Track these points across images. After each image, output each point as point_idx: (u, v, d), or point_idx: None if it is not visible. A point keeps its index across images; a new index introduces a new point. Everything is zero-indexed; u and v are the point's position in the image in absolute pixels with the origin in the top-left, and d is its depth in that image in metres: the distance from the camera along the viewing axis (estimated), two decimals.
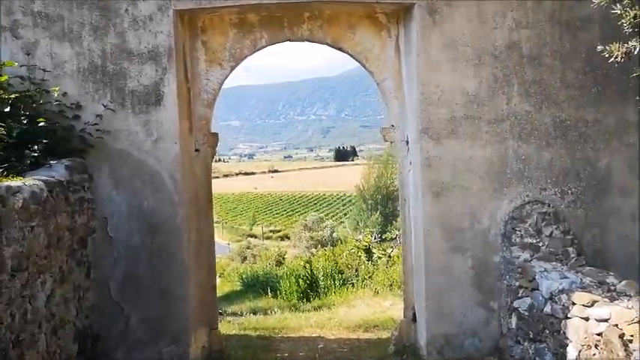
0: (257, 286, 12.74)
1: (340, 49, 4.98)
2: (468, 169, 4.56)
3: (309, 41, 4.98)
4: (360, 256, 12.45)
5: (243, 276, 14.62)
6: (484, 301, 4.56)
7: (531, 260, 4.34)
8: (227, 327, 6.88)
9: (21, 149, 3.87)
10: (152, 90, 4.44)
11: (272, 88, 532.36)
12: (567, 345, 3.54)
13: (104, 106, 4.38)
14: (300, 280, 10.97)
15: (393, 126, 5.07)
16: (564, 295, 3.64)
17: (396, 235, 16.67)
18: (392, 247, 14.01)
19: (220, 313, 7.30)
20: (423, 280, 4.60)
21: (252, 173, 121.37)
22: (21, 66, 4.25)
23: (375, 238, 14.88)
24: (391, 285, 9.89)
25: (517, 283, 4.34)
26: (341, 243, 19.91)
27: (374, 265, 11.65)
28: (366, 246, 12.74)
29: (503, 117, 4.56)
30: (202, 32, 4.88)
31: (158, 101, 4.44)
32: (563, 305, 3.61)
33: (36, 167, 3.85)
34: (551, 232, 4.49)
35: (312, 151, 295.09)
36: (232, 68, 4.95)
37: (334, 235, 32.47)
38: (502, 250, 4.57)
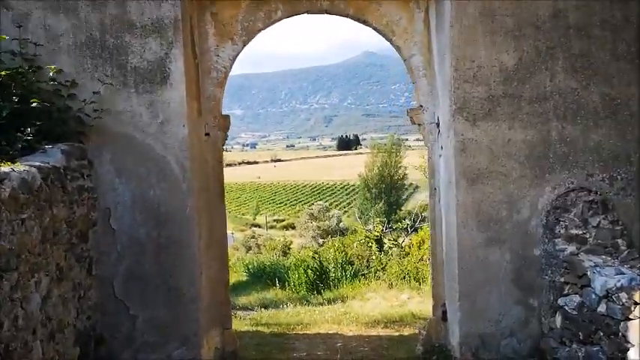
0: (264, 276, 12.39)
1: (364, 22, 4.53)
2: (506, 153, 4.13)
3: (329, 13, 4.53)
4: (370, 247, 12.07)
5: (250, 266, 14.30)
6: (523, 298, 4.17)
7: (578, 254, 3.93)
8: (238, 323, 6.54)
9: (12, 132, 3.47)
10: (157, 67, 4.00)
11: (274, 77, 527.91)
12: (628, 349, 3.15)
13: (100, 82, 3.94)
14: (310, 271, 10.61)
15: (421, 107, 4.64)
16: (623, 293, 3.25)
17: (407, 225, 16.32)
18: (402, 236, 13.63)
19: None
20: (456, 275, 4.21)
21: (255, 162, 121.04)
22: (12, 40, 3.82)
23: (385, 228, 14.50)
24: (406, 277, 9.52)
25: (562, 279, 3.94)
26: (349, 232, 19.54)
27: (386, 256, 11.27)
28: (377, 236, 12.35)
29: (547, 95, 4.11)
30: (211, 3, 4.44)
31: (164, 79, 4.01)
32: (623, 305, 3.22)
33: (29, 152, 3.45)
34: (599, 223, 4.07)
35: (314, 140, 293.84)
36: (245, 43, 4.52)
37: (341, 224, 32.16)
38: (544, 242, 4.15)
